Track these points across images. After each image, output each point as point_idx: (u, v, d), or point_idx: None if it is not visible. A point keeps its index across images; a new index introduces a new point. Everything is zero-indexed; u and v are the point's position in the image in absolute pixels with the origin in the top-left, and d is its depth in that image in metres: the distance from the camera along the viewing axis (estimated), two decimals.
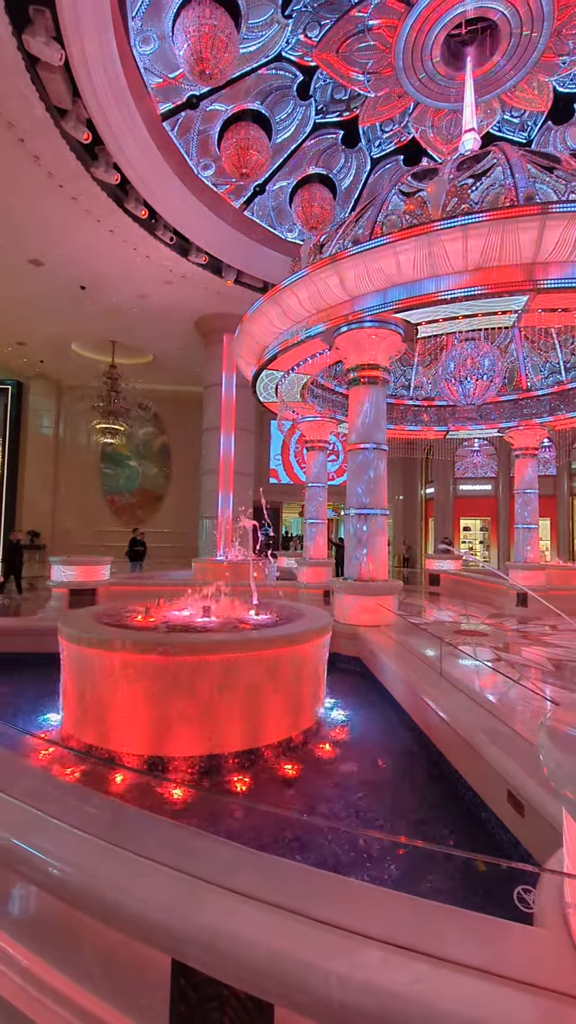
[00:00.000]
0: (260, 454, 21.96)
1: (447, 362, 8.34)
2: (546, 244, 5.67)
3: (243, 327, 8.50)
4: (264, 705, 4.04)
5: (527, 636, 8.03)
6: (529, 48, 9.71)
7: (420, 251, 6.11)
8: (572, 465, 21.18)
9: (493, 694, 4.61)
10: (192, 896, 1.63)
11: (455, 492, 23.71)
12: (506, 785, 2.88)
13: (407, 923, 1.58)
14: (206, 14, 8.25)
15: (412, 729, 4.62)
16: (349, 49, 10.13)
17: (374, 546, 7.54)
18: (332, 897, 1.69)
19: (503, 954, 1.49)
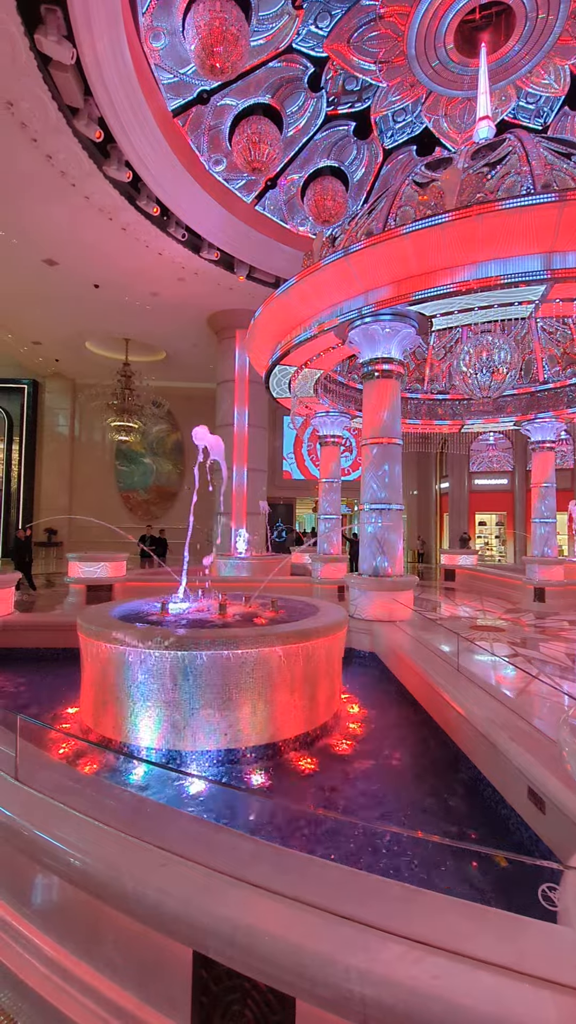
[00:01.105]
0: (273, 450, 21.96)
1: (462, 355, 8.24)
2: (563, 232, 5.55)
3: (255, 323, 8.48)
4: (280, 700, 4.05)
5: (545, 632, 7.94)
6: (545, 31, 9.49)
7: (434, 241, 6.03)
8: None
9: (511, 690, 4.57)
10: (212, 889, 1.64)
11: (470, 487, 23.47)
12: (527, 782, 2.85)
13: (426, 918, 1.58)
14: (216, 7, 8.21)
15: (429, 725, 4.60)
16: (360, 39, 10.00)
17: (389, 541, 7.50)
18: (350, 891, 1.69)
19: (525, 951, 1.48)
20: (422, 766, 3.96)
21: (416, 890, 1.80)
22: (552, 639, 7.37)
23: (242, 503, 15.48)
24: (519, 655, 6.28)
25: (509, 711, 3.68)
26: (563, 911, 1.58)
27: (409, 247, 6.16)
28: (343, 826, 2.97)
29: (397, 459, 7.69)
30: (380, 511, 7.49)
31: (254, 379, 15.10)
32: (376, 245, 6.35)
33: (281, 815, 3.11)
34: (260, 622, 4.68)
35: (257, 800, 3.34)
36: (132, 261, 12.73)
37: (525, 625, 8.51)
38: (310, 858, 1.84)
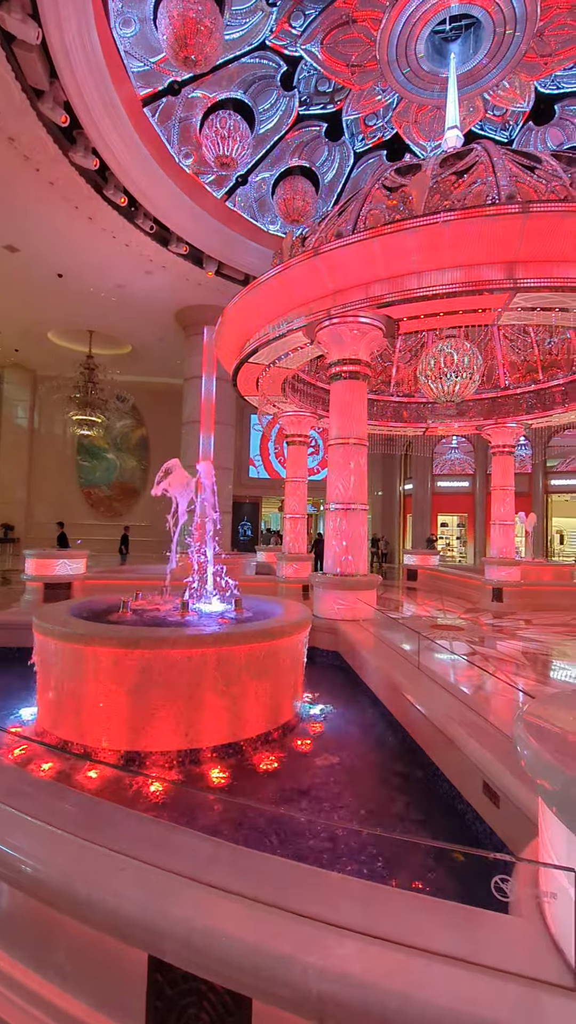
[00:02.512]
0: (240, 448, 21.86)
1: (427, 359, 8.41)
2: (526, 243, 5.73)
3: (224, 320, 8.41)
4: (242, 699, 4.03)
5: (502, 631, 8.18)
6: (511, 47, 9.78)
7: (402, 246, 6.12)
8: (547, 463, 21.60)
9: (469, 687, 4.68)
10: (169, 891, 1.61)
11: (433, 488, 23.98)
12: (482, 776, 2.93)
13: (384, 914, 1.59)
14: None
15: (390, 722, 4.66)
16: (333, 41, 10.07)
17: (354, 541, 7.57)
18: (310, 889, 1.69)
19: (479, 942, 1.51)
20: (383, 763, 4.01)
21: (375, 886, 1.82)
22: (509, 637, 7.60)
23: None
24: (477, 653, 6.45)
25: (466, 708, 3.77)
26: (514, 902, 1.62)
27: (378, 250, 6.24)
28: (305, 824, 2.98)
29: (363, 460, 7.77)
30: (345, 511, 7.56)
31: (221, 376, 14.97)
32: (346, 247, 6.40)
33: (242, 815, 3.09)
34: (223, 621, 4.64)
35: (218, 800, 3.31)
36: (98, 251, 12.43)
37: (483, 624, 8.75)
38: (269, 857, 1.84)
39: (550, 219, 5.60)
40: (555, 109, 11.23)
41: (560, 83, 10.74)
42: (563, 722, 1.87)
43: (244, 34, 9.90)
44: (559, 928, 1.51)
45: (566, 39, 9.70)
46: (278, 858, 1.82)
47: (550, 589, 11.75)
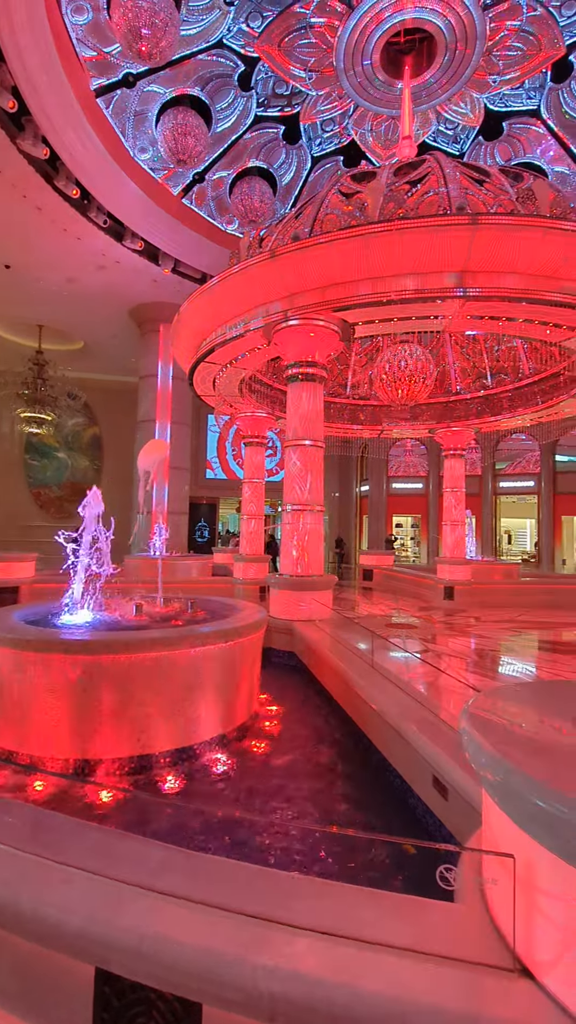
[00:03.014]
0: (196, 448, 21.62)
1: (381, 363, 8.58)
2: (475, 253, 5.94)
3: (180, 318, 8.31)
4: (196, 702, 3.99)
5: (453, 628, 8.44)
6: (463, 64, 10.13)
7: (358, 251, 6.22)
8: (496, 466, 22.45)
9: (421, 684, 4.81)
10: (117, 901, 1.58)
11: (388, 490, 24.47)
12: (432, 771, 3.01)
13: (334, 910, 1.62)
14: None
15: (345, 721, 4.73)
16: (291, 45, 10.13)
17: (310, 542, 7.63)
18: (261, 890, 1.69)
19: (424, 931, 1.56)
20: (337, 761, 4.06)
21: (325, 883, 1.84)
22: (459, 635, 7.85)
23: (163, 503, 15.10)
24: (429, 650, 6.63)
25: (418, 704, 3.87)
26: (459, 889, 1.68)
27: (334, 255, 6.32)
28: (258, 825, 2.98)
29: (319, 461, 7.85)
30: (302, 512, 7.61)
31: (177, 375, 14.79)
32: (302, 250, 6.45)
33: (195, 819, 3.05)
34: (177, 624, 4.58)
35: (170, 805, 3.27)
36: (48, 244, 12.02)
37: (436, 622, 9.00)
38: (221, 860, 1.83)
39: (498, 232, 5.82)
40: (503, 126, 11.70)
41: (508, 102, 11.20)
42: (506, 715, 1.95)
43: (201, 31, 9.81)
44: (500, 912, 1.57)
45: (513, 60, 10.12)
46: (230, 860, 1.82)
47: (498, 587, 12.22)
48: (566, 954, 1.31)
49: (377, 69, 10.24)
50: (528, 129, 11.60)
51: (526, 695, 2.21)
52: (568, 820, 1.22)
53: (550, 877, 1.37)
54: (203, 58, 10.30)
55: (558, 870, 1.33)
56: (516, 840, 1.48)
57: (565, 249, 5.84)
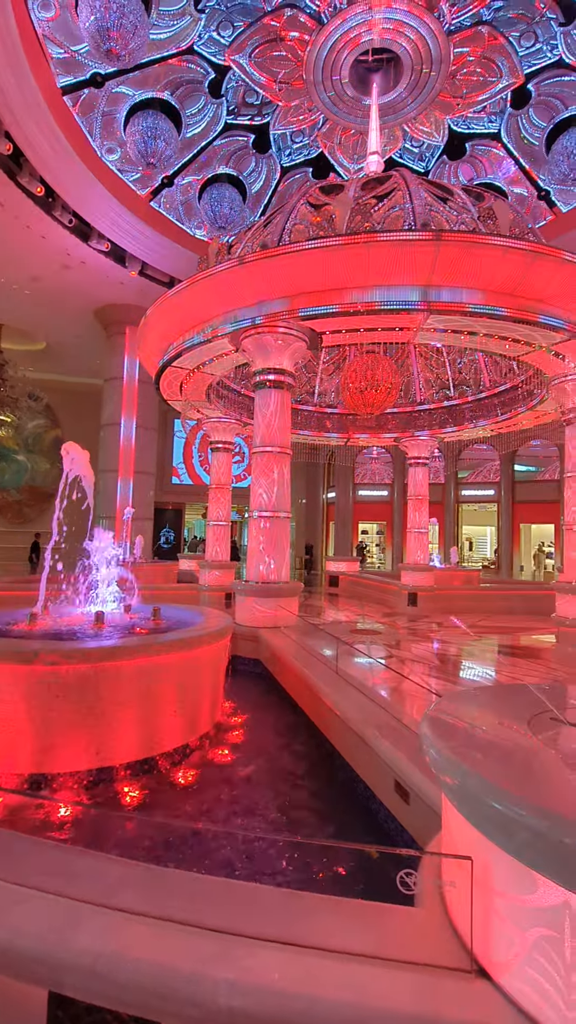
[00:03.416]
0: (162, 453, 21.36)
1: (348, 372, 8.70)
2: (439, 268, 6.11)
3: (147, 321, 8.21)
4: (159, 712, 3.92)
5: (416, 634, 8.58)
6: (427, 85, 10.45)
7: (327, 262, 6.31)
8: (458, 474, 23.03)
9: (385, 689, 4.86)
10: (73, 920, 1.53)
11: (355, 497, 24.74)
12: (394, 776, 3.04)
13: (296, 919, 1.61)
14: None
15: (309, 728, 4.73)
16: (262, 56, 10.22)
17: (276, 549, 7.63)
18: (223, 903, 1.67)
19: (385, 937, 1.57)
20: (301, 769, 4.06)
21: (288, 893, 1.83)
22: (422, 640, 7.99)
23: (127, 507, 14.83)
24: (393, 656, 6.72)
25: (381, 710, 3.91)
26: (419, 893, 1.70)
27: (302, 265, 6.38)
28: (220, 836, 2.94)
29: (286, 468, 7.87)
30: (268, 519, 7.60)
31: (144, 378, 14.60)
32: (271, 259, 6.49)
33: (156, 832, 2.99)
34: (140, 632, 4.50)
35: (131, 819, 3.19)
36: (11, 241, 11.71)
37: (400, 628, 9.13)
38: (182, 873, 1.80)
39: (461, 249, 6.01)
40: (467, 147, 12.11)
41: (470, 124, 11.61)
42: (465, 719, 1.99)
43: (172, 36, 9.80)
44: (459, 915, 1.60)
45: (475, 85, 10.51)
46: (190, 874, 1.79)
47: (459, 593, 12.51)
48: (521, 953, 1.34)
49: (346, 85, 10.45)
50: (489, 151, 12.04)
51: (485, 699, 2.27)
52: (523, 822, 1.26)
53: (506, 878, 1.40)
54: (174, 63, 10.29)
55: (513, 871, 1.37)
56: (474, 842, 1.51)
57: (523, 268, 6.07)
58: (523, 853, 1.29)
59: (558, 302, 6.45)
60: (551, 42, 9.65)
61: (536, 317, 6.37)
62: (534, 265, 6.05)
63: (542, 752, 1.63)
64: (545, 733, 1.79)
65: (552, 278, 6.18)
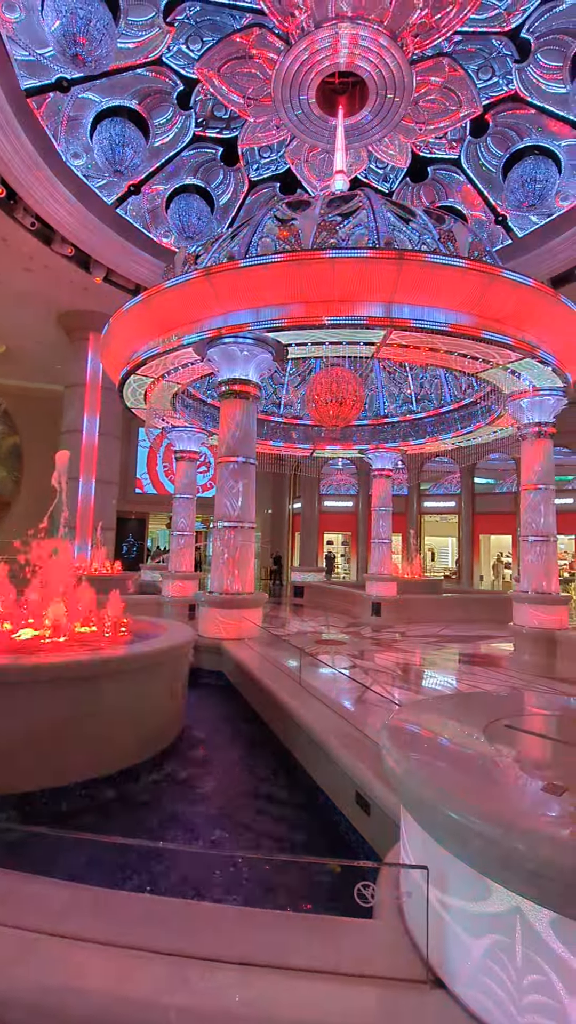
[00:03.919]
0: (126, 462, 21.00)
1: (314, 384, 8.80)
2: (401, 286, 6.28)
3: (111, 328, 8.10)
4: (119, 727, 3.81)
5: (380, 643, 8.66)
6: (392, 109, 10.78)
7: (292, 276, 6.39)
8: (421, 486, 23.53)
9: (348, 700, 4.87)
10: (17, 951, 1.45)
11: (320, 507, 24.91)
12: (355, 787, 3.04)
13: (254, 938, 1.58)
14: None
15: (272, 740, 4.69)
16: (231, 72, 10.33)
17: (241, 559, 7.59)
18: (180, 925, 1.63)
19: (343, 952, 1.56)
20: (263, 783, 4.01)
21: (247, 911, 1.80)
22: (386, 649, 8.06)
23: (88, 517, 14.48)
24: (357, 666, 6.75)
25: (343, 721, 3.91)
26: (377, 905, 1.69)
27: (268, 277, 6.44)
28: (179, 855, 2.86)
29: (251, 478, 7.86)
30: (233, 529, 7.56)
31: (107, 385, 14.36)
32: (238, 270, 6.53)
33: (112, 853, 2.89)
34: (99, 645, 4.37)
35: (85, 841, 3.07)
36: None
37: (364, 638, 9.19)
38: (136, 896, 1.74)
39: (422, 268, 6.19)
40: (428, 171, 12.53)
41: (432, 149, 12.03)
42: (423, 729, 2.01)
43: (140, 46, 9.79)
44: (415, 925, 1.60)
45: (436, 112, 10.91)
46: (145, 896, 1.74)
47: (422, 602, 12.71)
48: (474, 961, 1.35)
49: (313, 105, 10.67)
50: (450, 176, 12.50)
51: (442, 708, 2.31)
52: (476, 830, 1.28)
53: (460, 887, 1.42)
54: (142, 72, 10.28)
55: (467, 879, 1.38)
56: (431, 852, 1.52)
57: (481, 288, 6.30)
58: (477, 861, 1.30)
59: (513, 322, 6.72)
60: (507, 76, 10.13)
61: (493, 336, 6.62)
62: (491, 287, 6.29)
63: (496, 760, 1.67)
64: (500, 741, 1.83)
65: (508, 300, 6.44)
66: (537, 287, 6.51)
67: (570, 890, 1.12)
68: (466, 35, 9.53)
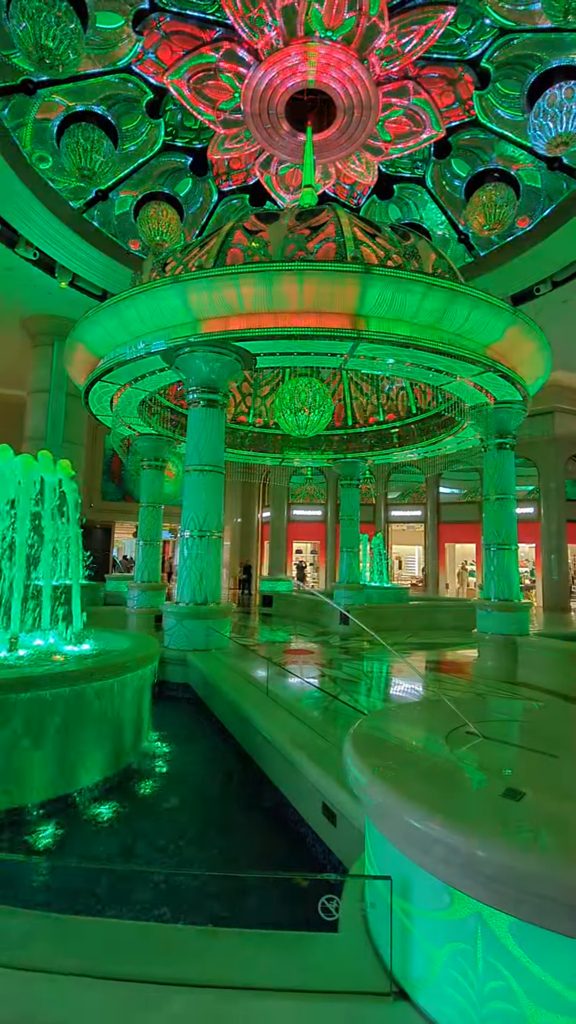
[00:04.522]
0: (91, 469, 20.60)
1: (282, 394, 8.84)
2: (368, 300, 6.40)
3: (77, 334, 7.97)
4: (79, 744, 3.69)
5: (348, 652, 8.70)
6: (359, 129, 11.04)
7: (262, 287, 6.43)
8: (388, 495, 23.88)
9: (316, 710, 4.87)
10: None
11: (289, 516, 24.97)
12: (321, 798, 3.03)
13: (218, 959, 1.55)
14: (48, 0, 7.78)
15: (239, 754, 4.63)
16: (200, 84, 10.40)
17: (208, 569, 7.51)
18: (142, 949, 1.59)
19: (307, 967, 1.55)
20: (230, 798, 3.96)
21: (212, 931, 1.77)
22: (354, 659, 8.10)
23: None
24: (325, 676, 6.76)
25: (311, 731, 3.90)
26: (342, 918, 1.69)
27: (238, 287, 6.47)
28: (142, 877, 2.79)
29: (219, 487, 7.82)
30: (200, 538, 7.49)
31: (72, 391, 14.08)
32: (207, 279, 6.53)
33: (72, 877, 2.79)
34: (58, 658, 4.25)
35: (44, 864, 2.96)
36: None
37: (332, 647, 9.22)
38: (95, 921, 1.69)
39: (388, 283, 6.33)
40: (394, 188, 12.86)
41: (399, 168, 12.36)
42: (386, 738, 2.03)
43: (108, 52, 9.76)
44: (379, 936, 1.60)
45: (401, 134, 11.24)
46: (104, 920, 1.69)
47: (390, 611, 12.85)
48: (436, 970, 1.36)
49: (282, 120, 10.83)
50: (415, 194, 12.86)
51: (406, 716, 2.33)
52: (438, 838, 1.29)
53: (423, 896, 1.43)
54: (111, 79, 10.23)
55: (429, 888, 1.39)
56: (394, 862, 1.53)
57: (444, 304, 6.49)
58: (439, 869, 1.32)
59: (474, 337, 6.94)
60: (468, 102, 10.53)
61: (455, 350, 6.81)
62: (453, 303, 6.49)
63: (457, 767, 1.69)
64: (461, 747, 1.86)
65: (469, 315, 6.65)
66: (497, 304, 6.75)
67: (527, 895, 1.14)
68: (430, 61, 9.87)
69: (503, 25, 9.04)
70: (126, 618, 10.50)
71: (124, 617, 10.54)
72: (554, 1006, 1.15)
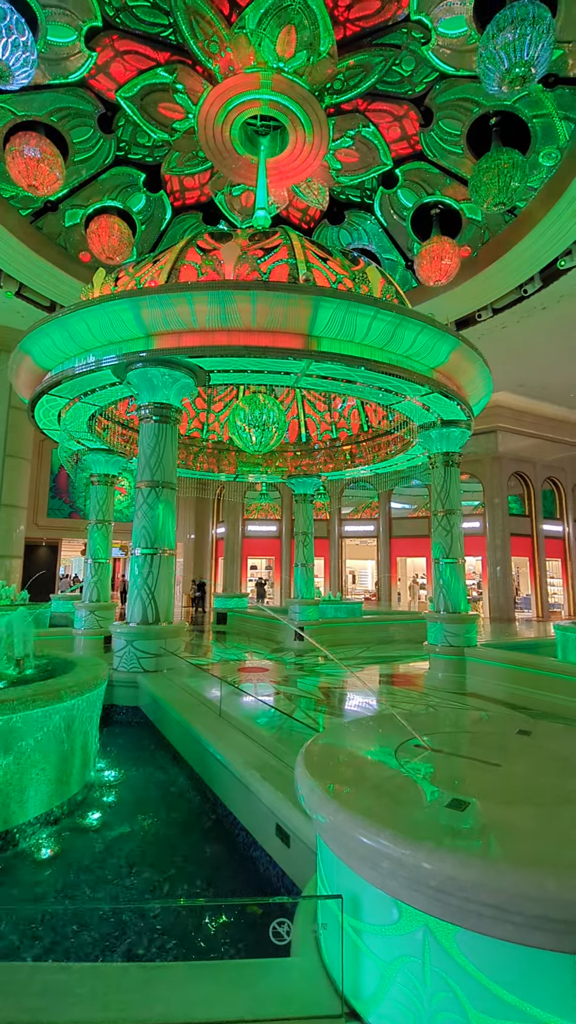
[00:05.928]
0: (37, 485, 19.88)
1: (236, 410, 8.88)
2: (319, 322, 6.56)
3: (23, 345, 7.73)
4: (14, 777, 3.50)
5: (303, 668, 8.69)
6: (310, 155, 11.39)
7: (215, 304, 6.48)
8: (341, 511, 24.23)
9: (268, 729, 4.82)
10: None
11: (244, 532, 24.87)
12: (275, 819, 3.00)
13: (165, 995, 1.50)
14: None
15: (191, 777, 4.52)
16: (154, 102, 10.46)
17: (159, 587, 7.36)
18: (82, 991, 1.51)
19: (258, 996, 1.51)
20: (181, 824, 3.84)
21: (158, 967, 1.71)
22: (309, 675, 8.10)
23: None
24: (280, 693, 6.72)
25: (264, 751, 3.86)
26: (294, 941, 1.67)
27: (191, 304, 6.48)
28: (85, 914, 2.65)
29: (171, 503, 7.71)
30: (151, 555, 7.34)
31: (16, 404, 13.61)
32: (161, 294, 6.51)
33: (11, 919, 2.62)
34: None
35: None
36: None
37: (286, 664, 9.19)
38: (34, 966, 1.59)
39: (338, 306, 6.52)
40: (345, 214, 13.31)
41: (349, 195, 12.81)
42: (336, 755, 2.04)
43: (60, 65, 9.68)
44: (332, 957, 1.59)
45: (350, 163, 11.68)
46: (44, 964, 1.59)
47: (343, 626, 12.96)
48: (386, 987, 1.37)
49: (235, 142, 11.03)
50: (365, 220, 13.35)
51: (356, 731, 2.35)
52: (386, 852, 1.30)
53: (372, 912, 1.44)
54: (62, 93, 10.14)
55: (378, 903, 1.40)
56: (344, 879, 1.53)
57: (392, 327, 6.74)
58: (387, 883, 1.33)
59: (421, 359, 7.23)
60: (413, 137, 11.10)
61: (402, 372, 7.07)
62: (400, 326, 6.75)
63: (405, 781, 1.72)
64: (410, 760, 1.89)
65: (415, 339, 6.93)
66: (442, 329, 7.07)
67: (471, 903, 1.17)
68: (377, 95, 10.35)
69: (442, 70, 9.61)
70: (73, 640, 10.10)
71: (71, 639, 10.14)
72: (496, 1012, 1.17)
